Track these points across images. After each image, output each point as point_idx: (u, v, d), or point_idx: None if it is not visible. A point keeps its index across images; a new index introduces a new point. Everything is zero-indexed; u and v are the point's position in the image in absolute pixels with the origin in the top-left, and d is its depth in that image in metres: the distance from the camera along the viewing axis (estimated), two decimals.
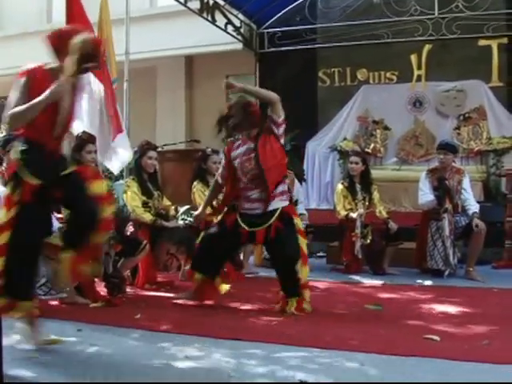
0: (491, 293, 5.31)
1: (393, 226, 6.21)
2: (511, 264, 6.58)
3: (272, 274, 4.74)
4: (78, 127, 6.39)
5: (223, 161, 4.79)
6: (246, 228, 4.41)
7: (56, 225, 4.55)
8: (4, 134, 8.42)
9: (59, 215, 5.02)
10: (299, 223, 4.48)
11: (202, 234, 4.69)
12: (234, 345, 3.52)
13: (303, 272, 4.29)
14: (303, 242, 4.37)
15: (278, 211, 4.37)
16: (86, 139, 5.07)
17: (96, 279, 4.86)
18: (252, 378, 2.97)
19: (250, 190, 4.45)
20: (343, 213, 6.36)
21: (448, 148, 6.23)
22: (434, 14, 8.90)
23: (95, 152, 5.11)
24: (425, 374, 2.99)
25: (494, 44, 9.11)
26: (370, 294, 5.07)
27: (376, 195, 6.50)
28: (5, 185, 3.61)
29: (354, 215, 6.23)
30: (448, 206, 5.86)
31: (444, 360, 3.18)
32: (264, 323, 4.08)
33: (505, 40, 9.07)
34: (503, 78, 9.16)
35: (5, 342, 2.48)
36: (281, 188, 4.46)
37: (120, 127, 6.76)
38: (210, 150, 6.17)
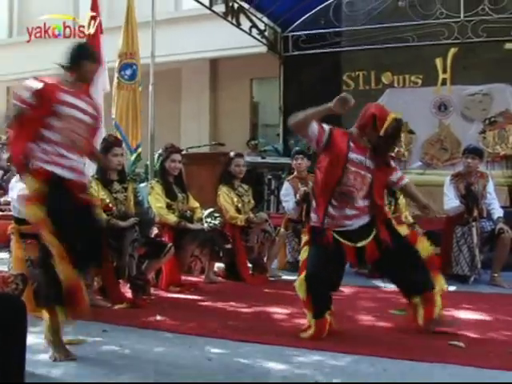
0: None
1: (419, 231, 6.14)
2: None
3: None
4: None
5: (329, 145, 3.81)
6: (351, 244, 3.82)
7: None
8: None
9: None
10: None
11: (303, 275, 3.72)
12: (261, 348, 3.53)
13: (425, 248, 3.94)
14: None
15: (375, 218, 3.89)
16: (113, 142, 5.03)
17: (120, 281, 4.92)
18: (271, 379, 2.99)
19: (340, 208, 3.82)
20: None
21: (476, 152, 6.19)
22: (459, 17, 8.87)
23: (121, 155, 5.06)
24: (449, 380, 2.97)
25: None
26: (393, 299, 5.03)
27: (402, 200, 6.43)
28: None
29: None
30: (476, 214, 5.81)
31: (469, 367, 3.16)
32: (291, 326, 4.09)
33: None
34: None
35: (29, 341, 2.50)
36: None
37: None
38: (233, 153, 6.19)
